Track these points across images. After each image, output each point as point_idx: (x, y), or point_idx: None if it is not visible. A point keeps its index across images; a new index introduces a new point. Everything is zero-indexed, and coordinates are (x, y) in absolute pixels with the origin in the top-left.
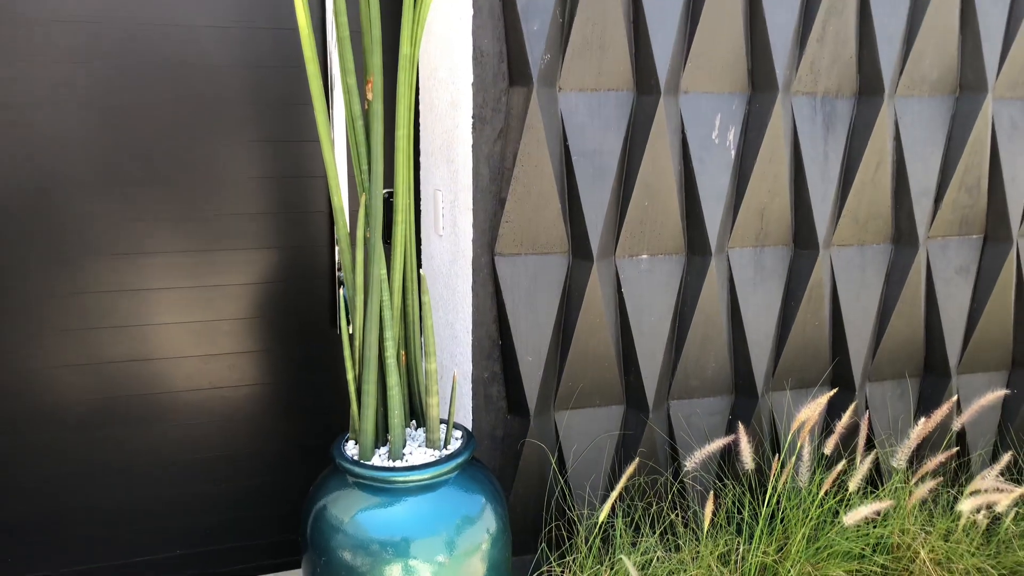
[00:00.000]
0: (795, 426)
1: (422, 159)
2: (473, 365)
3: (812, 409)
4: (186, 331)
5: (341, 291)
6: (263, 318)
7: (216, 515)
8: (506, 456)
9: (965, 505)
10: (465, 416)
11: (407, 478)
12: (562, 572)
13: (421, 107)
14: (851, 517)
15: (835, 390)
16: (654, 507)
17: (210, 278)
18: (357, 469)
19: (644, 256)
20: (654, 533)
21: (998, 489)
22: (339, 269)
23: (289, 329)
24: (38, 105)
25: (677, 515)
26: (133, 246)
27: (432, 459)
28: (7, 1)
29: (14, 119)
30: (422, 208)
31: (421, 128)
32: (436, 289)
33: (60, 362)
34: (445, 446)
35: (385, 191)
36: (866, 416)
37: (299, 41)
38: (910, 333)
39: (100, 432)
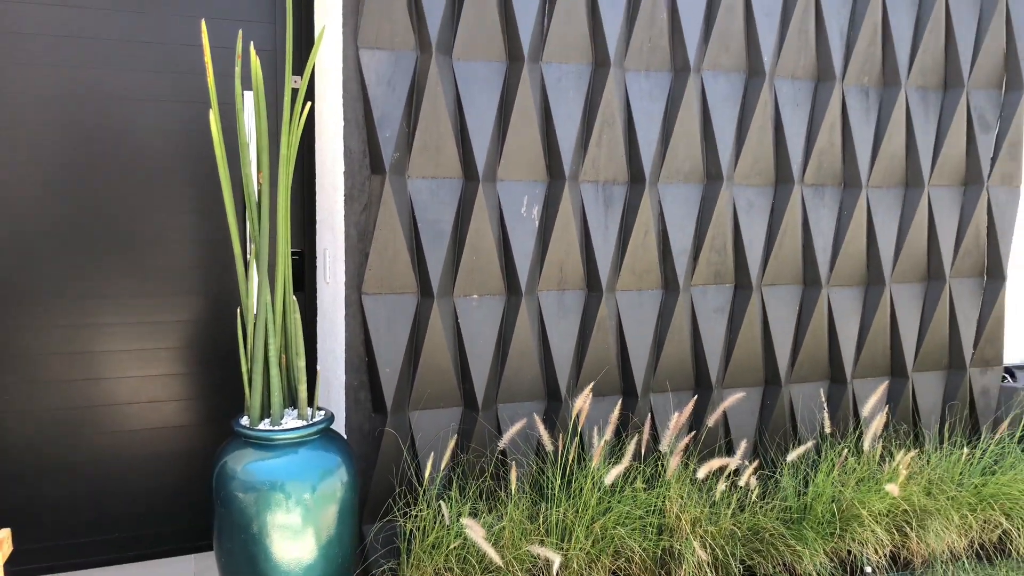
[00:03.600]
0: (574, 413)
1: (317, 227)
2: (346, 376)
3: (583, 400)
4: (131, 356)
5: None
6: (192, 348)
7: (149, 504)
8: (371, 445)
9: (701, 472)
10: (339, 415)
11: (283, 437)
12: (406, 523)
13: (317, 189)
14: (609, 477)
15: (587, 391)
16: (479, 481)
17: (152, 316)
18: (248, 432)
19: (474, 296)
20: (480, 499)
21: (722, 463)
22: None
23: (212, 356)
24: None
25: (499, 488)
26: (91, 289)
27: (300, 425)
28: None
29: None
30: (317, 265)
31: (317, 206)
32: (324, 324)
33: (27, 378)
34: (312, 420)
35: (294, 250)
36: (648, 418)
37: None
38: (681, 357)
39: (57, 437)
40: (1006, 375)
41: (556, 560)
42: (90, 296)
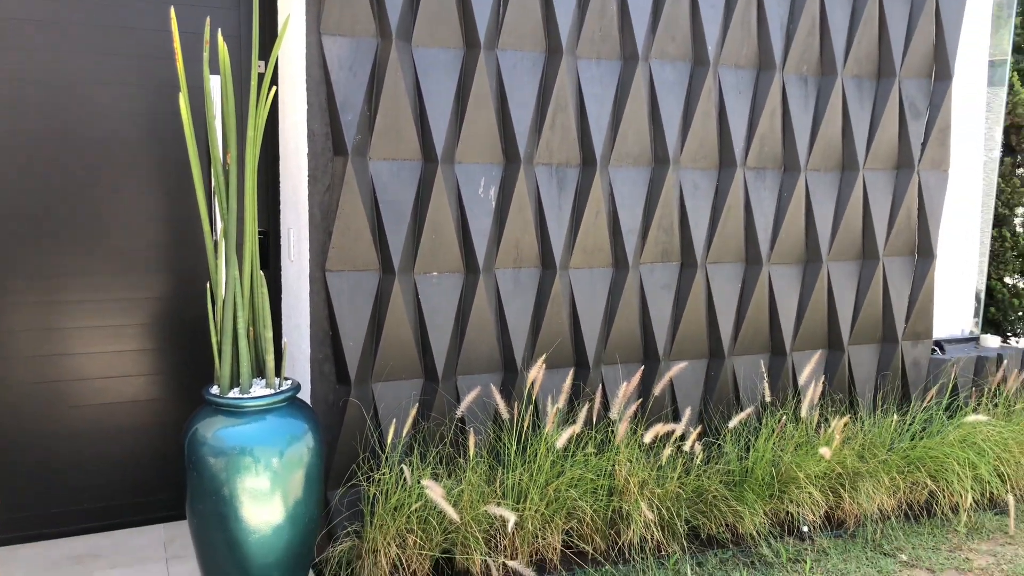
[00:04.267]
0: (528, 383)
1: (281, 207)
2: (311, 350)
3: (536, 370)
4: (101, 333)
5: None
6: (160, 324)
7: (119, 475)
8: (335, 415)
9: (647, 436)
10: (305, 387)
11: (251, 404)
12: (369, 487)
13: (281, 171)
14: (561, 440)
15: (540, 362)
16: (439, 448)
17: (122, 293)
18: (219, 400)
19: (434, 273)
20: (440, 464)
21: (668, 428)
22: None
23: (180, 332)
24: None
25: (458, 455)
26: (59, 269)
27: (268, 393)
28: None
29: None
30: (282, 243)
31: (281, 187)
32: (288, 300)
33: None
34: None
35: (260, 230)
36: (599, 388)
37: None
38: (630, 330)
39: (28, 411)
40: (935, 348)
41: (511, 519)
42: (60, 274)
